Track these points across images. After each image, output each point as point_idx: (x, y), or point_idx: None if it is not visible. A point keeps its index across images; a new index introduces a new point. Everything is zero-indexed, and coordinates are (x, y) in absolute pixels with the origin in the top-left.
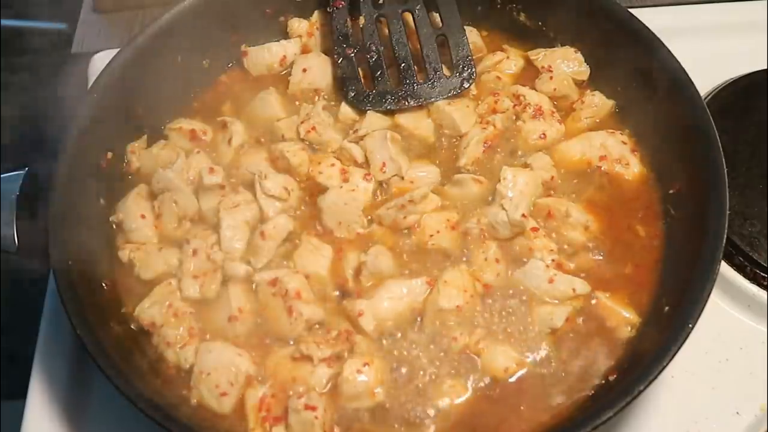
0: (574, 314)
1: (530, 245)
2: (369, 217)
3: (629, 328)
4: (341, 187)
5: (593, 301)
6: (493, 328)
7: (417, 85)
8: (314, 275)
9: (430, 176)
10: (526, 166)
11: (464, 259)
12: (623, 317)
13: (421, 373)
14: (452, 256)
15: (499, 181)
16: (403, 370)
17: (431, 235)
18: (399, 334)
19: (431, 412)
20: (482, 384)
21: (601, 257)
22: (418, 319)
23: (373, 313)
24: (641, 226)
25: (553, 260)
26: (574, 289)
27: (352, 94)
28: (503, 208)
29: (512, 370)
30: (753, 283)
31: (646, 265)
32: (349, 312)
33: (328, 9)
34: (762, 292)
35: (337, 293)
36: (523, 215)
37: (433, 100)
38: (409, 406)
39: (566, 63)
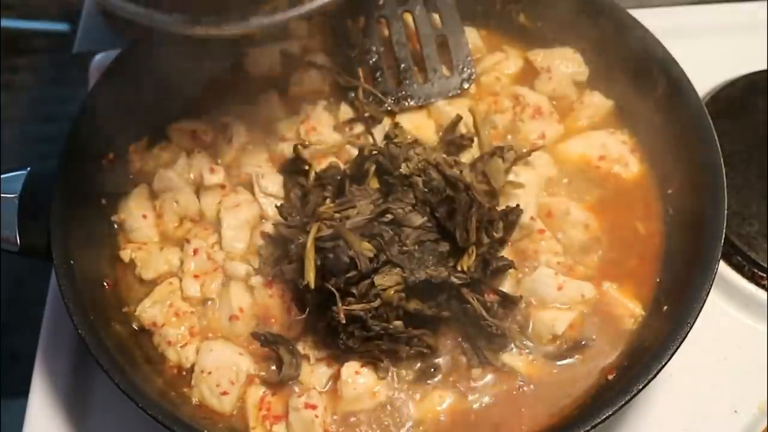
0: (580, 318)
1: (536, 248)
2: None
3: (632, 320)
4: None
5: (604, 289)
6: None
7: (417, 86)
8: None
9: None
10: (526, 165)
11: None
12: (628, 308)
13: (421, 371)
14: None
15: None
16: (404, 368)
17: None
18: None
19: (432, 411)
20: (483, 384)
21: (601, 255)
22: None
23: None
24: (641, 226)
25: (558, 263)
26: (582, 295)
27: (352, 95)
28: None
29: (514, 369)
30: (751, 282)
31: (645, 263)
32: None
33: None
34: (760, 291)
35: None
36: (532, 218)
37: (433, 100)
38: (411, 405)
39: (565, 63)
